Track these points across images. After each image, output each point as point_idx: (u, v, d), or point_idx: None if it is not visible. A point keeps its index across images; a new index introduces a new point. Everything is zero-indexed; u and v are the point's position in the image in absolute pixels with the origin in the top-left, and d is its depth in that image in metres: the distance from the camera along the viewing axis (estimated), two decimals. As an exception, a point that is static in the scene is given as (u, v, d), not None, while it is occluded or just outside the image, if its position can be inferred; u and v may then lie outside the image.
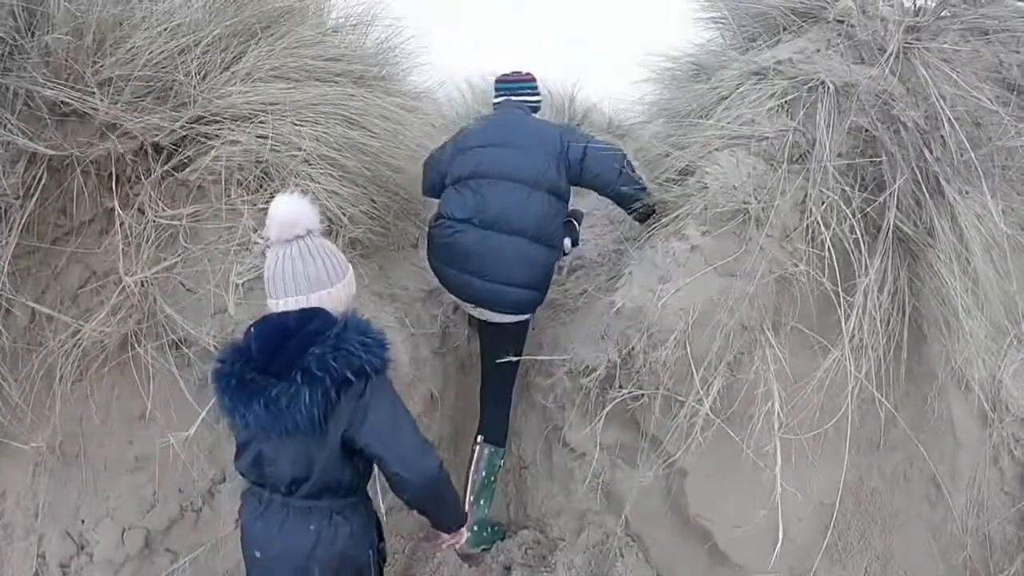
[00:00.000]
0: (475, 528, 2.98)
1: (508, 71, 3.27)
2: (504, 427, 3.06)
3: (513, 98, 3.19)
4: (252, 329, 1.89)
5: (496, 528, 3.10)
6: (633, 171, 3.01)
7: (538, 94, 3.24)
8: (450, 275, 2.97)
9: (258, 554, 1.94)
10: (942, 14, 3.42)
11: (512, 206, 2.86)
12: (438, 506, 2.01)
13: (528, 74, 3.27)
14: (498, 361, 2.96)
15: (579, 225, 3.33)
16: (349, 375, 1.76)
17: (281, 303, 1.88)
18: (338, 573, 1.91)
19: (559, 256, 3.02)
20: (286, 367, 1.76)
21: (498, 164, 2.92)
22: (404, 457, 1.83)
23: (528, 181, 2.89)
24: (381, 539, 2.10)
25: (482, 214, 2.87)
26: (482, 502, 3.01)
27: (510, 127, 3.05)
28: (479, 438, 3.04)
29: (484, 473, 3.01)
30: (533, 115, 3.20)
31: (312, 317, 1.84)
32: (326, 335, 1.79)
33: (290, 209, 1.91)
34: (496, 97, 3.27)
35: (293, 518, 1.89)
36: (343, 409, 1.79)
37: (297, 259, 1.87)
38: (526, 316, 2.97)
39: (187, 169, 2.96)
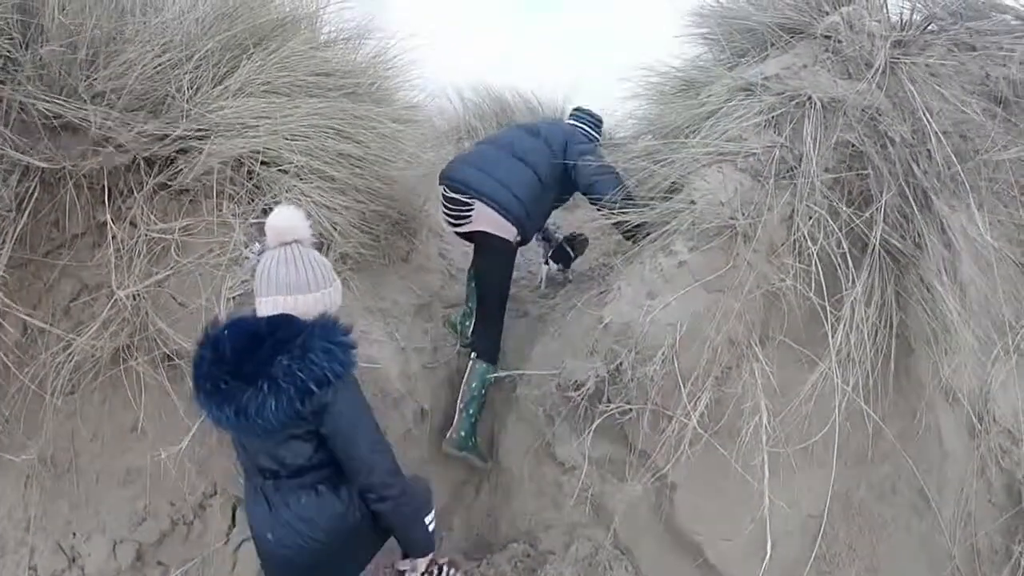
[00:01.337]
0: (462, 434, 3.17)
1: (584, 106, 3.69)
2: (496, 346, 3.26)
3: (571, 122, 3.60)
4: (226, 331, 1.94)
5: (477, 444, 3.24)
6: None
7: (587, 129, 3.55)
8: (455, 168, 3.28)
9: (270, 536, 2.05)
10: (928, 28, 3.46)
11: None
12: (400, 520, 2.12)
13: (591, 116, 3.64)
14: (488, 281, 3.27)
15: (575, 254, 3.64)
16: (312, 386, 1.83)
17: (261, 300, 1.99)
18: (337, 538, 2.04)
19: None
20: (254, 374, 1.83)
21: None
22: (362, 456, 1.97)
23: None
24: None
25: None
26: (471, 411, 3.18)
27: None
28: (473, 355, 3.23)
29: (474, 385, 3.20)
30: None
31: (281, 323, 1.91)
32: (293, 343, 1.85)
33: (285, 218, 2.03)
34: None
35: (285, 497, 2.01)
36: (307, 413, 1.87)
37: (282, 263, 1.98)
38: (512, 236, 3.19)
39: (179, 183, 2.97)
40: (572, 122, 3.61)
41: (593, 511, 2.85)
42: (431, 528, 2.25)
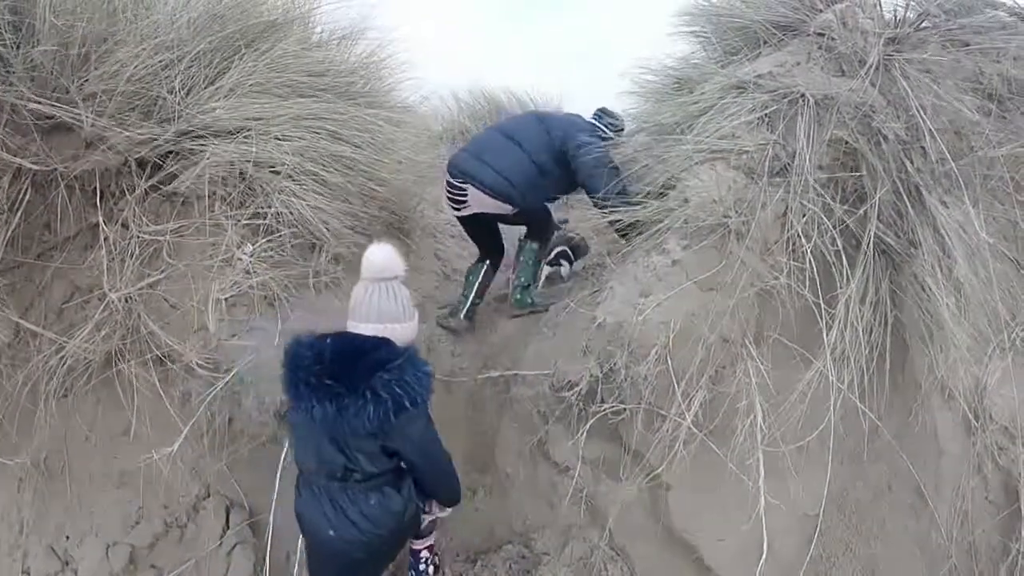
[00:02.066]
0: (517, 297, 3.64)
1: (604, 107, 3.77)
2: (548, 234, 3.73)
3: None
4: (329, 340, 2.25)
5: (534, 300, 3.64)
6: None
7: (603, 129, 3.59)
8: (456, 155, 3.50)
9: (331, 532, 2.29)
10: (922, 25, 3.45)
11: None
12: (445, 498, 2.61)
13: (612, 116, 3.73)
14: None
15: (575, 258, 3.89)
16: (406, 403, 2.16)
17: (360, 326, 2.30)
18: (392, 534, 2.38)
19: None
20: (355, 382, 2.14)
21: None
22: (436, 471, 2.44)
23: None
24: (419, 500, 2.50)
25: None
26: (522, 279, 3.63)
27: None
28: (523, 237, 3.70)
29: (523, 258, 3.66)
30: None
31: (381, 345, 2.23)
32: (392, 364, 2.18)
33: (385, 257, 2.34)
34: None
35: (353, 497, 2.29)
36: (389, 428, 2.18)
37: (383, 296, 2.31)
38: (509, 211, 3.47)
39: (171, 184, 2.97)
40: (592, 120, 3.66)
41: (588, 512, 2.84)
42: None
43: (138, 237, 2.88)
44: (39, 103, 2.76)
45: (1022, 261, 3.18)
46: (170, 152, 3.00)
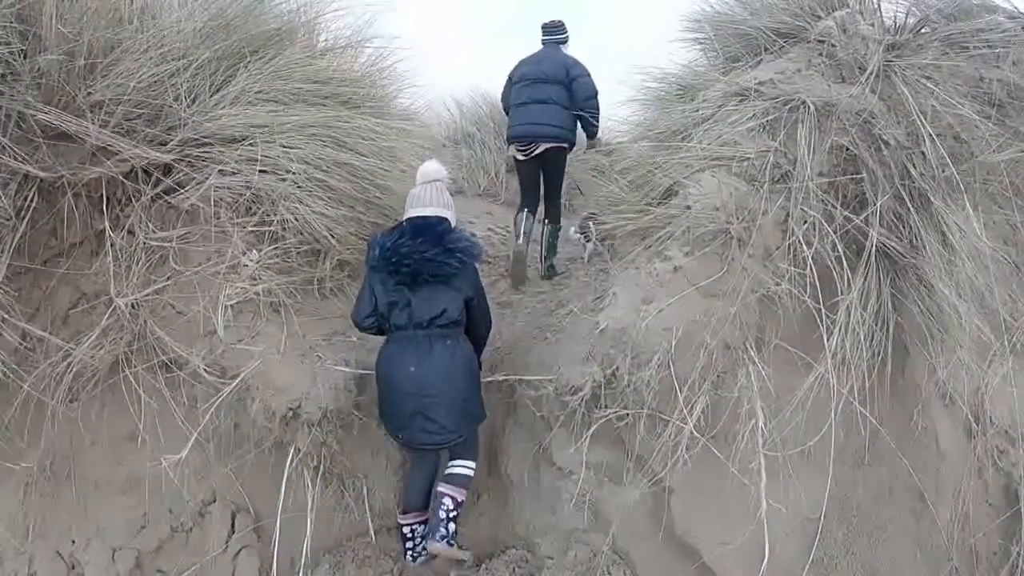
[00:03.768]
0: (546, 271, 4.26)
1: (548, 20, 4.48)
2: (560, 213, 4.41)
3: (549, 38, 4.42)
4: (404, 223, 2.95)
5: (554, 268, 4.30)
6: (596, 108, 4.16)
7: (565, 32, 4.43)
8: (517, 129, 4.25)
9: (412, 368, 2.79)
10: (922, 31, 3.47)
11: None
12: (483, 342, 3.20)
13: (560, 22, 4.47)
14: (557, 182, 4.34)
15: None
16: (467, 257, 2.90)
17: (424, 211, 2.96)
18: (464, 371, 2.89)
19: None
20: (432, 242, 2.84)
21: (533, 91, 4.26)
22: (485, 320, 3.10)
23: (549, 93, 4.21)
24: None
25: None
26: (547, 254, 4.32)
27: (542, 62, 4.31)
28: (546, 221, 4.37)
29: (547, 235, 4.33)
30: (562, 48, 4.40)
31: (443, 220, 2.97)
32: (454, 232, 2.94)
33: (434, 166, 3.13)
34: (543, 37, 4.46)
35: (435, 341, 2.84)
36: (462, 275, 2.89)
37: (435, 192, 3.03)
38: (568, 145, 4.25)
39: (177, 192, 2.99)
40: (553, 39, 4.40)
41: (591, 516, 2.85)
42: None
43: (144, 244, 2.90)
44: (47, 112, 2.77)
45: (1022, 265, 3.21)
46: (176, 160, 3.01)
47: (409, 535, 2.94)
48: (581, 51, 4.34)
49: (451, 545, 2.82)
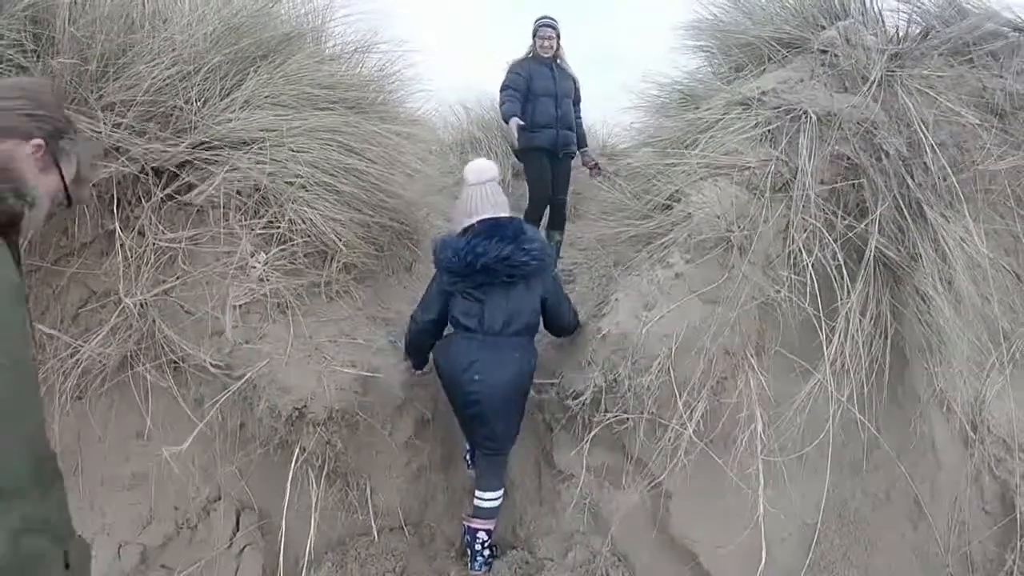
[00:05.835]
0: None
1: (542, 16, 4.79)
2: (564, 220, 4.79)
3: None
4: (476, 224, 2.92)
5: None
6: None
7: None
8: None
9: (477, 377, 2.82)
10: (925, 40, 3.49)
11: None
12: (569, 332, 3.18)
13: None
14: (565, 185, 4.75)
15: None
16: (539, 257, 2.89)
17: (484, 215, 2.93)
18: (526, 391, 2.91)
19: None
20: (507, 242, 2.84)
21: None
22: (567, 312, 3.07)
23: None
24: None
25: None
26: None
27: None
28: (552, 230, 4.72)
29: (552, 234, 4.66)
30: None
31: (514, 220, 2.99)
32: (528, 232, 2.95)
33: (486, 165, 3.12)
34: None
35: (504, 352, 2.85)
36: (536, 277, 2.90)
37: (496, 192, 3.03)
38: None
39: (187, 193, 3.02)
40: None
41: (591, 518, 2.88)
42: None
43: (154, 244, 2.93)
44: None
45: (1022, 275, 3.22)
46: (186, 162, 3.05)
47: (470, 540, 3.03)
48: (585, 59, 4.39)
49: (489, 567, 2.99)
